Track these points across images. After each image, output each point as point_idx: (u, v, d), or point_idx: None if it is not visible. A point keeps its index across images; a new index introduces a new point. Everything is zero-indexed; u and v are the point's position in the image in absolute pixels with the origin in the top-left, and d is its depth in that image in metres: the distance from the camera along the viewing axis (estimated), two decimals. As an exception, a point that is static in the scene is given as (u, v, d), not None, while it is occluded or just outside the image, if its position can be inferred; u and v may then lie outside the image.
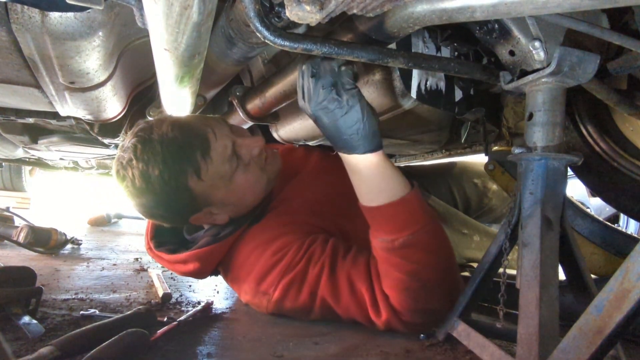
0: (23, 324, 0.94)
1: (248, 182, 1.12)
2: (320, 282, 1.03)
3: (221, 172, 1.07)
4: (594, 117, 1.08)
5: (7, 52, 0.94)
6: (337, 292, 1.02)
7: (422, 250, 0.95)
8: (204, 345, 0.94)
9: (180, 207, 1.08)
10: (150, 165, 1.00)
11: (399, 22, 0.72)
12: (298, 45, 0.71)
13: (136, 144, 1.02)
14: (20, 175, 4.75)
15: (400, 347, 0.95)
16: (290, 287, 1.06)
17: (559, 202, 0.78)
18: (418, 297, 0.95)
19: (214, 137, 1.06)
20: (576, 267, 0.81)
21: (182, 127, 1.04)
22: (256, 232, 1.14)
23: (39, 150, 2.48)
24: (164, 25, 0.67)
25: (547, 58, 0.73)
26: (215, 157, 1.05)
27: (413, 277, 0.94)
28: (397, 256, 0.95)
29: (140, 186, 1.02)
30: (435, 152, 1.81)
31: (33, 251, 1.99)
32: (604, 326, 0.56)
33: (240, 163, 1.10)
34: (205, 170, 1.04)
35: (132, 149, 1.02)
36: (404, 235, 0.94)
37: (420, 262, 0.94)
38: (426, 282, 0.95)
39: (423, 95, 1.01)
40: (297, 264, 1.06)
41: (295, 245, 1.08)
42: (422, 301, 0.95)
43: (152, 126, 1.05)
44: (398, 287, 0.95)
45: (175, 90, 1.03)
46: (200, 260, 1.13)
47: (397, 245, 0.94)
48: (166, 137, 1.01)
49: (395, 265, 0.95)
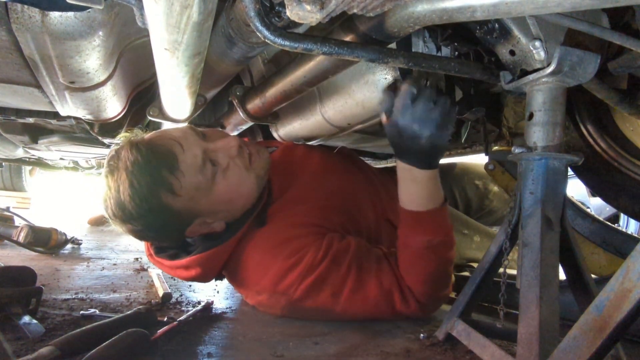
0: (23, 323, 0.94)
1: (232, 186, 1.09)
2: (347, 284, 1.07)
3: (196, 183, 1.04)
4: (594, 116, 1.08)
5: (7, 51, 0.94)
6: (365, 292, 1.08)
7: (446, 250, 1.09)
8: (204, 345, 0.94)
9: (166, 225, 1.06)
10: (121, 192, 1.00)
11: (399, 21, 0.72)
12: (298, 45, 0.71)
13: (107, 174, 1.03)
14: (21, 175, 4.76)
15: (400, 347, 0.95)
16: (314, 288, 1.07)
17: (559, 201, 0.78)
18: (435, 287, 1.11)
19: (180, 150, 1.03)
20: (576, 267, 0.81)
21: (142, 147, 1.01)
22: (265, 234, 1.13)
23: (39, 150, 2.48)
24: (164, 25, 0.67)
25: (548, 58, 0.73)
26: (185, 169, 1.02)
27: (436, 271, 1.08)
28: (430, 253, 1.07)
29: (119, 215, 1.02)
30: (435, 152, 1.80)
31: (33, 251, 1.99)
32: (605, 326, 0.56)
33: (217, 169, 1.07)
34: (179, 186, 1.02)
35: (105, 180, 1.03)
36: (441, 235, 1.08)
37: (447, 258, 1.10)
38: (442, 273, 1.11)
39: (423, 95, 1.00)
40: (319, 264, 1.07)
41: (313, 247, 1.09)
42: (437, 290, 1.12)
43: (118, 152, 1.03)
44: (422, 280, 1.08)
45: (175, 90, 1.03)
46: (202, 265, 1.11)
47: (433, 244, 1.06)
48: (129, 162, 1.00)
49: (425, 261, 1.07)
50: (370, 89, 1.07)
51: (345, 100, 1.16)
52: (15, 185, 4.70)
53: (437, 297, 1.13)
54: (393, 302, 1.09)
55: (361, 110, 1.15)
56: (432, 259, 1.07)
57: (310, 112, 1.33)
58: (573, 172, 1.12)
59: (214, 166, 1.07)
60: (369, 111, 1.15)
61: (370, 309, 1.09)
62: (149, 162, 1.00)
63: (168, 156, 1.02)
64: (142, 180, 0.99)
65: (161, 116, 1.37)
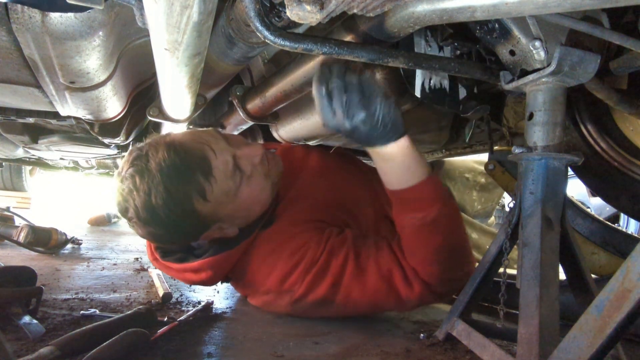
0: (23, 324, 0.94)
1: (254, 193, 1.09)
2: (346, 271, 1.05)
3: (226, 189, 1.03)
4: (594, 116, 1.08)
5: (7, 52, 0.94)
6: (364, 278, 1.04)
7: (448, 223, 1.02)
8: (204, 345, 0.94)
9: (188, 230, 1.06)
10: (153, 195, 0.96)
11: (399, 21, 0.72)
12: (298, 45, 0.71)
13: (134, 174, 0.97)
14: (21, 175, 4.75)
15: (400, 347, 0.95)
16: (314, 281, 1.06)
17: (559, 201, 0.78)
18: (445, 267, 1.01)
19: (213, 155, 1.01)
20: (576, 266, 0.81)
21: (178, 149, 0.99)
22: (268, 236, 1.14)
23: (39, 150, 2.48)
24: (164, 25, 0.67)
25: (548, 58, 0.73)
26: (218, 175, 1.01)
27: (442, 248, 1.00)
28: (428, 231, 1.00)
29: (146, 217, 0.99)
30: (436, 152, 1.81)
31: (33, 251, 1.99)
32: (605, 326, 0.56)
33: (243, 175, 1.06)
34: (211, 191, 1.00)
35: (130, 180, 0.98)
36: (434, 210, 0.99)
37: (447, 234, 1.01)
38: (452, 251, 1.01)
39: (427, 94, 1.01)
40: (319, 258, 1.07)
41: (314, 243, 1.09)
42: (448, 270, 1.01)
43: (148, 153, 0.99)
44: (428, 259, 1.00)
45: (176, 90, 1.03)
46: (214, 268, 1.11)
47: (428, 220, 0.99)
48: (164, 164, 0.96)
49: (425, 240, 1.00)
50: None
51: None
52: (16, 185, 4.70)
53: (449, 278, 1.02)
54: (394, 285, 1.03)
55: (361, 110, 1.15)
56: (433, 236, 1.00)
57: (310, 112, 1.33)
58: (573, 172, 1.12)
59: (240, 172, 1.06)
60: (369, 111, 1.14)
61: (371, 294, 1.04)
62: (186, 166, 0.97)
63: (203, 161, 1.00)
64: (180, 184, 0.97)
65: (161, 116, 1.37)
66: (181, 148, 0.99)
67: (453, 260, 1.02)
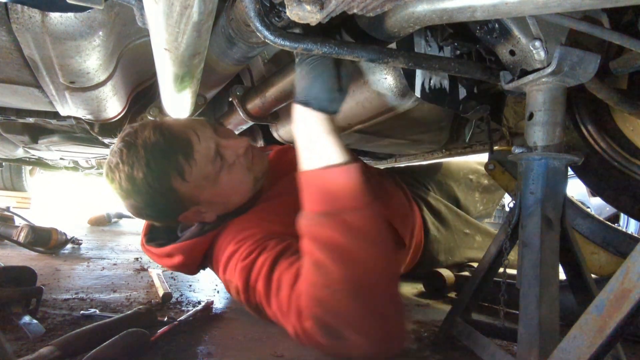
0: (23, 323, 0.94)
1: (233, 182, 1.13)
2: (259, 279, 0.94)
3: (205, 173, 1.09)
4: (594, 116, 1.08)
5: (7, 52, 0.94)
6: (269, 292, 0.91)
7: (348, 235, 0.77)
8: (204, 345, 0.94)
9: (167, 207, 1.11)
10: (135, 169, 1.04)
11: (399, 21, 0.72)
12: (298, 45, 0.71)
13: (122, 148, 1.06)
14: (21, 175, 4.75)
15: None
16: (242, 276, 0.99)
17: (559, 201, 0.78)
18: (324, 298, 0.75)
19: (197, 140, 1.08)
20: (576, 266, 0.81)
21: (164, 131, 1.07)
22: (233, 224, 1.15)
23: (39, 150, 2.48)
24: (164, 25, 0.67)
25: (548, 58, 0.73)
26: (198, 158, 1.07)
27: (322, 267, 0.77)
28: (316, 238, 0.79)
29: (127, 188, 1.06)
30: (436, 152, 1.81)
31: (33, 251, 1.99)
32: (605, 326, 0.55)
33: (224, 164, 1.12)
34: (189, 172, 1.07)
35: (119, 153, 1.06)
36: (327, 209, 0.80)
37: (336, 252, 0.76)
38: (338, 280, 0.75)
39: (427, 94, 1.01)
40: (250, 254, 1.00)
41: (256, 237, 1.03)
42: (329, 307, 0.74)
43: (137, 131, 1.08)
44: (306, 279, 0.79)
45: (176, 90, 1.03)
46: (184, 252, 1.15)
47: (317, 222, 0.80)
48: (149, 141, 1.05)
49: (308, 251, 0.80)
50: (371, 89, 1.07)
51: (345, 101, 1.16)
52: (16, 185, 4.70)
53: (333, 328, 0.74)
54: (284, 312, 0.84)
55: (361, 110, 1.15)
56: (316, 251, 0.77)
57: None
58: (573, 171, 1.12)
59: (222, 160, 1.12)
60: (369, 111, 1.15)
61: (271, 315, 0.90)
62: (170, 146, 1.05)
63: (186, 143, 1.07)
64: (160, 161, 1.04)
65: (161, 116, 1.37)
66: (167, 130, 1.07)
67: (341, 295, 0.74)
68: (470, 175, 1.93)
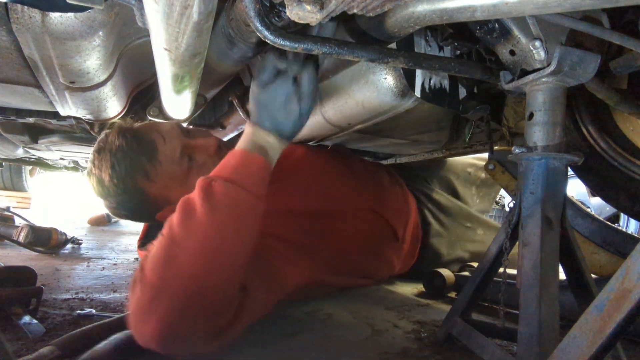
0: (23, 323, 0.94)
1: None
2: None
3: (171, 173, 1.12)
4: (595, 116, 1.08)
5: (7, 52, 0.94)
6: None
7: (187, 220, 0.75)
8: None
9: (139, 206, 1.16)
10: (103, 172, 1.12)
11: (399, 21, 0.72)
12: (298, 45, 0.71)
13: (94, 153, 1.16)
14: (21, 175, 4.75)
15: (399, 347, 0.95)
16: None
17: (559, 201, 0.78)
18: (141, 296, 0.71)
19: (162, 141, 1.13)
20: (576, 266, 0.81)
21: (127, 134, 1.14)
22: None
23: (39, 150, 2.48)
24: (164, 25, 0.67)
25: (548, 57, 0.73)
26: (163, 159, 1.12)
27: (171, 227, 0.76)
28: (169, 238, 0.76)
29: (99, 191, 1.16)
30: (436, 152, 1.81)
31: (33, 251, 1.99)
32: (605, 326, 0.55)
33: (193, 164, 1.14)
34: (154, 173, 1.12)
35: (92, 158, 1.16)
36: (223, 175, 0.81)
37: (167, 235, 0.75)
38: (180, 236, 0.73)
39: (427, 94, 1.01)
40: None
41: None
42: (142, 304, 0.71)
43: (107, 135, 1.16)
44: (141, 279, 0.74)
45: (176, 90, 1.03)
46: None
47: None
48: (114, 145, 1.13)
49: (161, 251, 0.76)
50: (371, 89, 1.07)
51: (345, 100, 1.16)
52: (16, 185, 4.70)
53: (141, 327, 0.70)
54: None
55: (361, 110, 1.15)
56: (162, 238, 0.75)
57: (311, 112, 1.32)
58: (573, 171, 1.12)
59: (190, 161, 1.14)
60: (369, 111, 1.15)
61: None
62: (131, 149, 1.12)
63: (149, 146, 1.13)
64: (122, 164, 1.11)
65: (161, 116, 1.37)
66: (131, 134, 1.14)
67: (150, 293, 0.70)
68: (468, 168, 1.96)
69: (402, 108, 1.08)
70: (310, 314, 1.17)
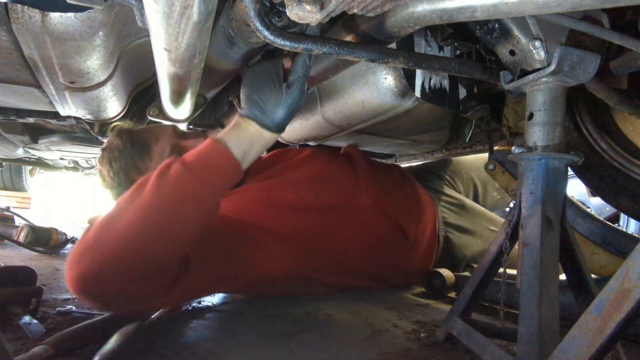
0: (23, 323, 0.94)
1: None
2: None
3: None
4: (595, 116, 1.08)
5: (7, 52, 0.94)
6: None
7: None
8: (204, 343, 0.94)
9: None
10: (104, 167, 1.30)
11: (399, 21, 0.72)
12: (298, 45, 0.71)
13: (100, 151, 1.33)
14: (21, 174, 4.75)
15: (400, 347, 0.95)
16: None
17: (559, 201, 0.78)
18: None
19: (155, 141, 1.28)
20: (576, 267, 0.81)
21: (123, 136, 1.29)
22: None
23: (39, 150, 2.48)
24: (164, 25, 0.67)
25: (548, 58, 0.73)
26: (154, 157, 1.26)
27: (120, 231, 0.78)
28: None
29: (102, 183, 1.33)
30: (436, 152, 1.81)
31: (33, 251, 1.99)
32: (605, 326, 0.56)
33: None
34: (146, 168, 1.25)
35: (100, 154, 1.32)
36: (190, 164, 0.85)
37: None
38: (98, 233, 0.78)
39: (427, 94, 1.01)
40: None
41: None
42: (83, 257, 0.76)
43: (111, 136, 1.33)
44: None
45: (176, 90, 1.03)
46: None
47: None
48: (113, 144, 1.30)
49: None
50: (371, 89, 1.07)
51: (345, 100, 1.16)
52: (16, 185, 4.70)
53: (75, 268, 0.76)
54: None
55: (361, 110, 1.15)
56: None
57: (311, 112, 1.33)
58: (573, 171, 1.12)
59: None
60: (369, 111, 1.15)
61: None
62: (126, 148, 1.28)
63: (143, 145, 1.28)
64: (118, 160, 1.27)
65: (161, 116, 1.37)
66: (127, 135, 1.30)
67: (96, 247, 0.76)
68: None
69: (402, 108, 1.08)
70: (310, 314, 1.17)
